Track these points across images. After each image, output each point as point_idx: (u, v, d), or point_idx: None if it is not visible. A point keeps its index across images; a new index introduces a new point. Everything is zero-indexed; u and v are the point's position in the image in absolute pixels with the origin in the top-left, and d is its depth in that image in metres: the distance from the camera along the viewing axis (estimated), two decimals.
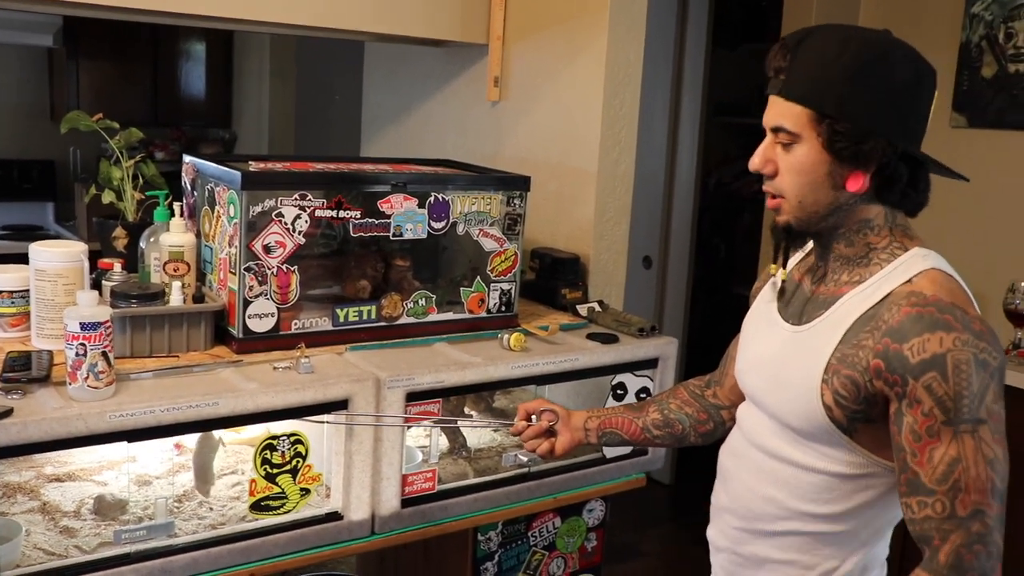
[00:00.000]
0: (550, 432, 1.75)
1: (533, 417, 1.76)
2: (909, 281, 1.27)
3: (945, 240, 3.31)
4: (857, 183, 1.29)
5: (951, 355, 1.17)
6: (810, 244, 1.46)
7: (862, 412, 1.27)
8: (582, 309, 2.49)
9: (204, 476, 1.91)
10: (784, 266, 1.48)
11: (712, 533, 1.55)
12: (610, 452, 2.33)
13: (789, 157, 1.31)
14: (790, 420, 1.35)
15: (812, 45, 1.27)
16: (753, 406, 1.47)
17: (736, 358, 1.55)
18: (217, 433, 1.91)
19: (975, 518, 1.15)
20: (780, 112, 1.30)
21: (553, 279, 2.59)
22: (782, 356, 1.39)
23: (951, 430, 1.16)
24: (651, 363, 2.32)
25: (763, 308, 1.50)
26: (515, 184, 2.28)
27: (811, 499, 1.35)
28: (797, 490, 1.36)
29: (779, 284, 1.48)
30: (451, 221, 2.18)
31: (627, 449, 2.35)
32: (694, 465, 4.53)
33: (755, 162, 1.36)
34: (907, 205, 1.36)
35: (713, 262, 5.11)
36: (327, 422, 1.87)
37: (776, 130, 1.32)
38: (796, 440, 1.35)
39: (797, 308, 1.41)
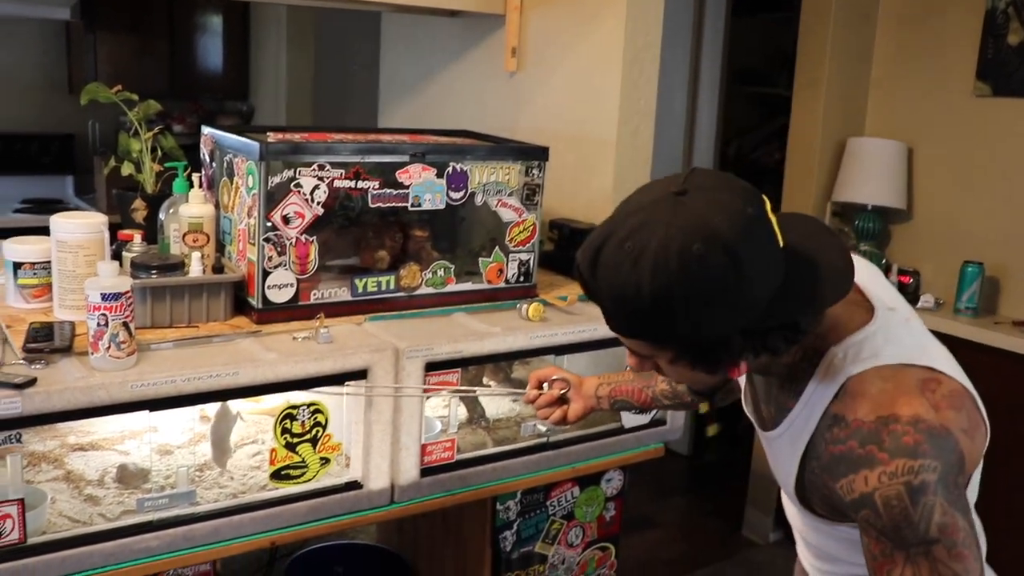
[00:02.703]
0: (562, 400, 1.75)
1: (545, 385, 1.76)
2: (836, 396, 1.16)
3: (970, 208, 3.29)
4: (734, 372, 1.18)
5: (878, 494, 1.08)
6: None
7: (850, 517, 1.19)
8: None
9: (221, 448, 1.92)
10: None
11: (799, 550, 1.50)
12: (628, 422, 2.33)
13: (660, 364, 1.19)
14: (802, 512, 1.31)
15: (605, 272, 1.08)
16: None
17: None
18: (235, 406, 1.92)
19: None
20: (621, 338, 1.18)
21: (572, 249, 2.57)
22: (771, 457, 1.33)
23: (903, 553, 1.09)
24: None
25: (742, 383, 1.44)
26: (533, 154, 2.27)
27: (857, 551, 1.26)
28: (854, 548, 1.28)
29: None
30: (469, 191, 2.17)
31: (645, 419, 2.35)
32: (712, 437, 4.53)
33: (633, 365, 1.23)
34: (786, 346, 1.17)
35: None
36: (345, 393, 1.88)
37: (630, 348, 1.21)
38: (829, 524, 1.30)
39: (767, 397, 1.33)
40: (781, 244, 1.09)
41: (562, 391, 1.75)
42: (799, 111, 3.61)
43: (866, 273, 1.29)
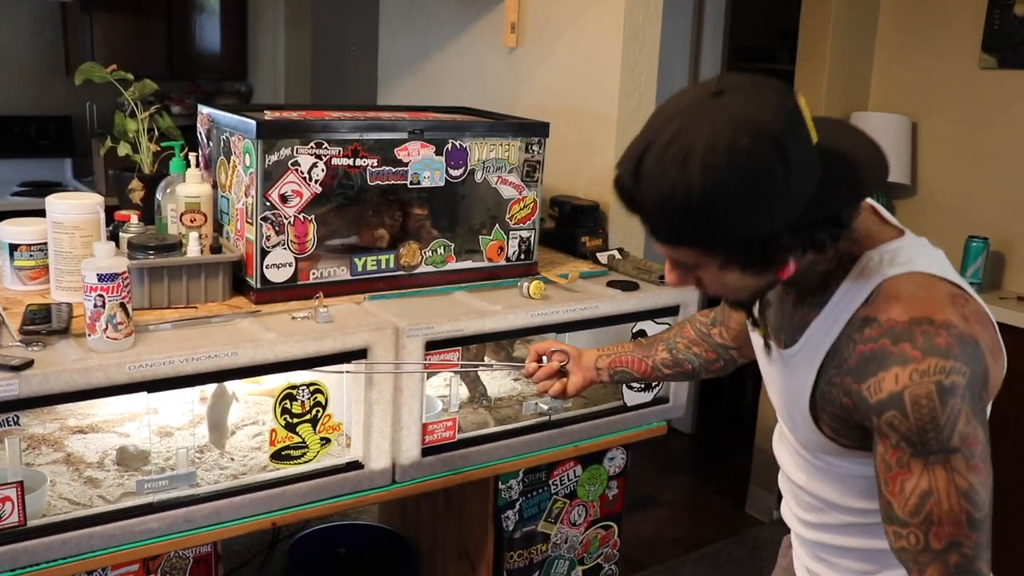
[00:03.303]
0: (562, 372, 1.74)
1: (544, 358, 1.75)
2: (868, 300, 1.16)
3: (975, 182, 3.26)
4: (784, 272, 1.15)
5: (908, 392, 1.07)
6: None
7: (863, 434, 1.19)
8: (602, 257, 2.46)
9: (219, 430, 1.91)
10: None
11: (784, 513, 1.49)
12: (631, 400, 2.32)
13: (702, 274, 1.18)
14: (807, 444, 1.30)
15: (650, 180, 1.06)
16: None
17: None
18: (233, 387, 1.91)
19: (951, 550, 1.08)
20: (664, 248, 1.16)
21: (572, 227, 2.56)
22: (781, 382, 1.32)
23: (921, 461, 1.08)
24: (672, 310, 2.30)
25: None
26: (533, 130, 2.24)
27: (859, 496, 1.28)
28: (843, 490, 1.29)
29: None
30: (469, 168, 2.15)
31: (648, 397, 2.34)
32: (715, 415, 4.53)
33: (671, 281, 1.21)
34: (832, 240, 1.17)
35: None
36: (345, 372, 1.86)
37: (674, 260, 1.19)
38: (823, 455, 1.29)
39: (778, 324, 1.32)
40: (815, 140, 1.10)
41: (561, 364, 1.74)
42: (802, 86, 3.57)
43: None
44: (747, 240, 1.09)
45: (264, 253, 1.93)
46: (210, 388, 1.89)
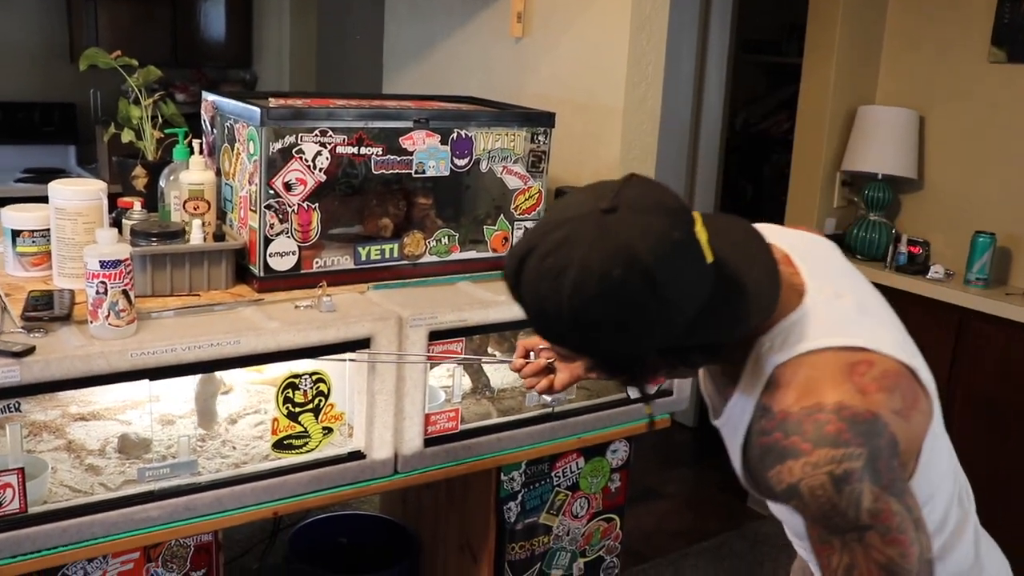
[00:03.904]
0: (549, 369, 1.73)
1: (532, 354, 1.74)
2: (766, 386, 1.15)
3: (982, 177, 3.24)
4: (653, 382, 1.19)
5: (804, 484, 1.07)
6: None
7: None
8: None
9: (206, 415, 1.90)
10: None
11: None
12: (634, 393, 2.30)
13: (582, 364, 1.22)
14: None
15: (528, 284, 1.07)
16: None
17: None
18: (228, 375, 1.89)
19: None
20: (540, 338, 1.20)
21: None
22: (723, 438, 1.31)
23: (838, 539, 1.08)
24: None
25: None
26: (539, 120, 2.23)
27: None
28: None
29: None
30: (474, 158, 2.14)
31: (651, 389, 2.33)
32: None
33: (556, 358, 1.27)
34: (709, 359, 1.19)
35: (740, 204, 5.04)
36: (347, 360, 1.85)
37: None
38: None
39: (712, 390, 1.32)
40: (710, 260, 1.08)
41: (548, 360, 1.73)
42: (809, 78, 3.56)
43: (818, 249, 1.28)
44: (610, 354, 1.11)
45: (268, 241, 1.92)
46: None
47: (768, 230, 1.30)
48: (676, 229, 1.04)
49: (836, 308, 1.18)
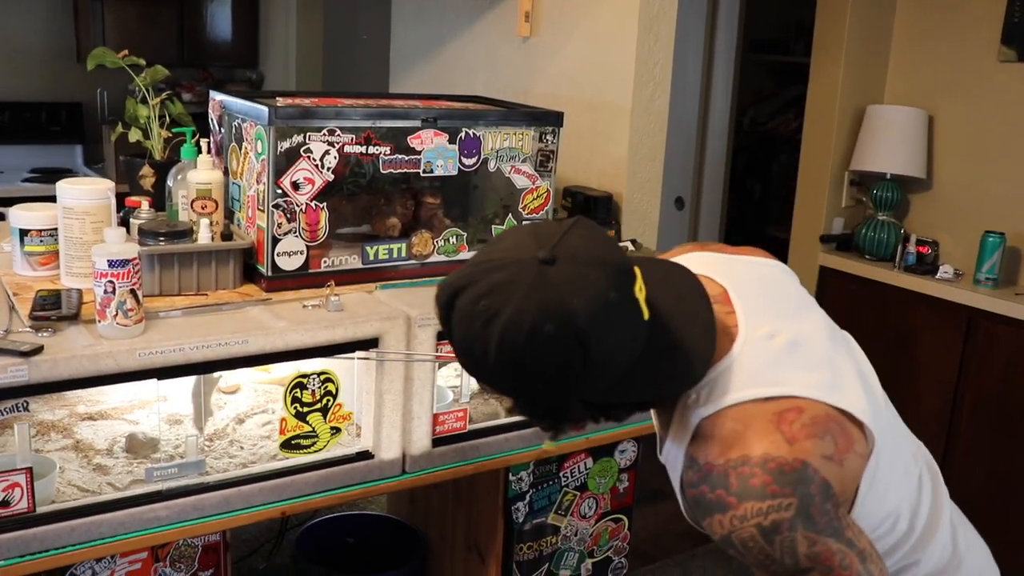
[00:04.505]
0: None
1: None
2: (692, 439, 1.14)
3: (992, 177, 3.23)
4: (577, 429, 1.16)
5: (735, 536, 1.07)
6: None
7: None
8: None
9: (200, 411, 1.90)
10: None
11: None
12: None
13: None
14: None
15: (458, 321, 1.06)
16: None
17: None
18: (244, 375, 1.89)
19: None
20: None
21: (586, 217, 2.53)
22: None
23: None
24: None
25: None
26: (547, 120, 2.22)
27: None
28: None
29: None
30: (482, 157, 2.13)
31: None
32: None
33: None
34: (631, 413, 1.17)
35: (747, 203, 5.03)
36: (356, 358, 1.85)
37: None
38: None
39: (657, 421, 1.31)
40: (647, 318, 1.06)
41: None
42: (817, 78, 3.55)
43: (762, 279, 1.26)
44: (533, 403, 1.11)
45: (275, 241, 1.91)
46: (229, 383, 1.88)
47: (711, 260, 1.28)
48: (613, 289, 1.03)
49: (767, 351, 1.15)
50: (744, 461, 1.07)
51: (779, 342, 1.16)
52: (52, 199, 1.94)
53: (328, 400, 1.84)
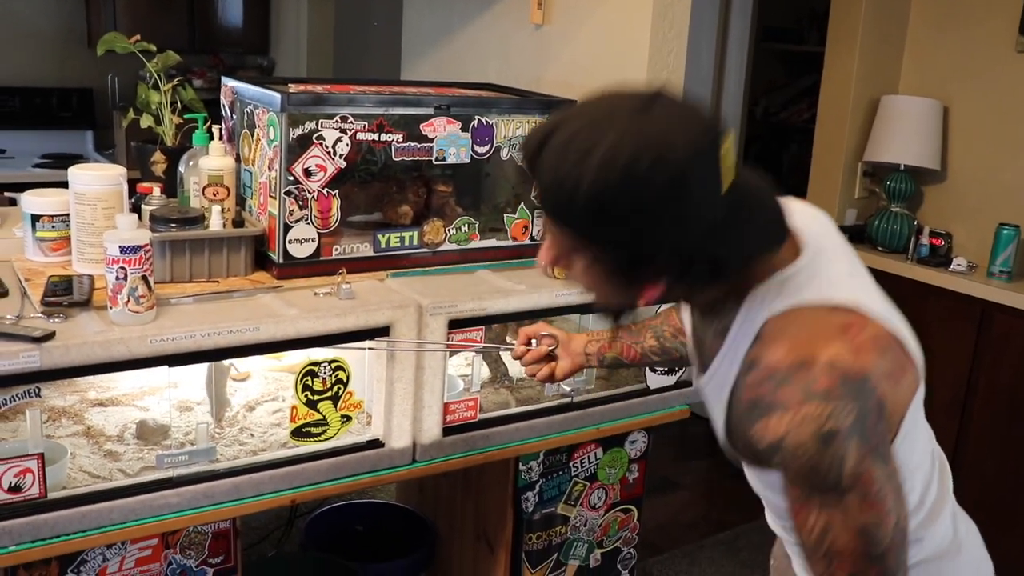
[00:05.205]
0: (551, 357, 1.72)
1: (533, 342, 1.73)
2: (756, 338, 1.13)
3: (1007, 169, 3.20)
4: (651, 294, 1.11)
5: (789, 439, 1.05)
6: None
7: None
8: None
9: (219, 402, 1.90)
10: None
11: (767, 516, 1.50)
12: (654, 383, 2.29)
13: (574, 263, 1.13)
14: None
15: (550, 158, 1.05)
16: None
17: None
18: (253, 363, 1.88)
19: None
20: (550, 226, 1.13)
21: None
22: (704, 400, 1.29)
23: (817, 500, 1.07)
24: None
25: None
26: (560, 108, 2.20)
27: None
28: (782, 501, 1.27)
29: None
30: (495, 145, 2.12)
31: (671, 380, 2.32)
32: None
33: (542, 260, 1.17)
34: (710, 285, 1.14)
35: None
36: (367, 348, 1.84)
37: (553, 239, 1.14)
38: (757, 471, 1.28)
39: (698, 346, 1.30)
40: (727, 184, 1.05)
41: (550, 348, 1.72)
42: (831, 67, 3.52)
43: (808, 214, 1.27)
44: (619, 248, 1.07)
45: (287, 228, 1.91)
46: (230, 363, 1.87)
47: None
48: (709, 135, 1.03)
49: (832, 269, 1.16)
50: (809, 365, 1.06)
51: (842, 266, 1.19)
52: (64, 185, 1.94)
53: (339, 388, 1.84)
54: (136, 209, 2.01)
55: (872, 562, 1.07)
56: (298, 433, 1.83)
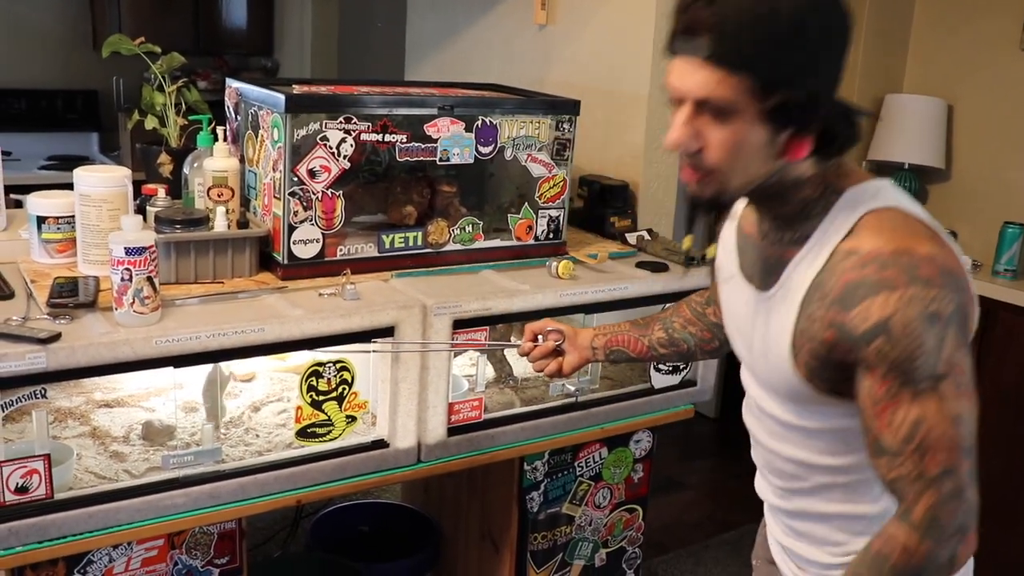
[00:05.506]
0: (557, 352, 1.72)
1: (540, 338, 1.73)
2: (850, 233, 1.15)
3: (1012, 167, 3.20)
4: (802, 150, 1.14)
5: (896, 317, 1.07)
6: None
7: (838, 375, 1.19)
8: (631, 237, 2.43)
9: (214, 412, 1.89)
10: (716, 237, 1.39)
11: (758, 486, 1.50)
12: (658, 383, 2.29)
13: (720, 132, 1.13)
14: (779, 390, 1.29)
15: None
16: (748, 373, 1.41)
17: (723, 320, 1.47)
18: (256, 364, 1.88)
19: (946, 477, 1.08)
20: (706, 81, 1.10)
21: (602, 207, 2.53)
22: (754, 323, 1.31)
23: (910, 390, 1.08)
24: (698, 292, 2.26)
25: (728, 269, 1.40)
26: (564, 108, 2.21)
27: (832, 453, 1.28)
28: (815, 448, 1.29)
29: (715, 258, 1.40)
30: (499, 146, 2.12)
31: (675, 380, 2.32)
32: (740, 399, 4.50)
33: (675, 139, 1.15)
34: (842, 153, 1.20)
35: None
36: (372, 351, 1.85)
37: (703, 102, 1.12)
38: (795, 406, 1.29)
39: (755, 266, 1.31)
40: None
41: (557, 343, 1.72)
42: None
43: None
44: (798, 84, 1.10)
45: (291, 229, 1.91)
46: (227, 365, 1.87)
47: None
48: None
49: (911, 200, 1.22)
50: (911, 254, 1.10)
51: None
52: (69, 186, 1.94)
53: (344, 388, 1.84)
54: (141, 210, 2.02)
55: (964, 456, 1.09)
56: (303, 433, 1.84)
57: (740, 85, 1.09)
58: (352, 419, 1.88)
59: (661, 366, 2.27)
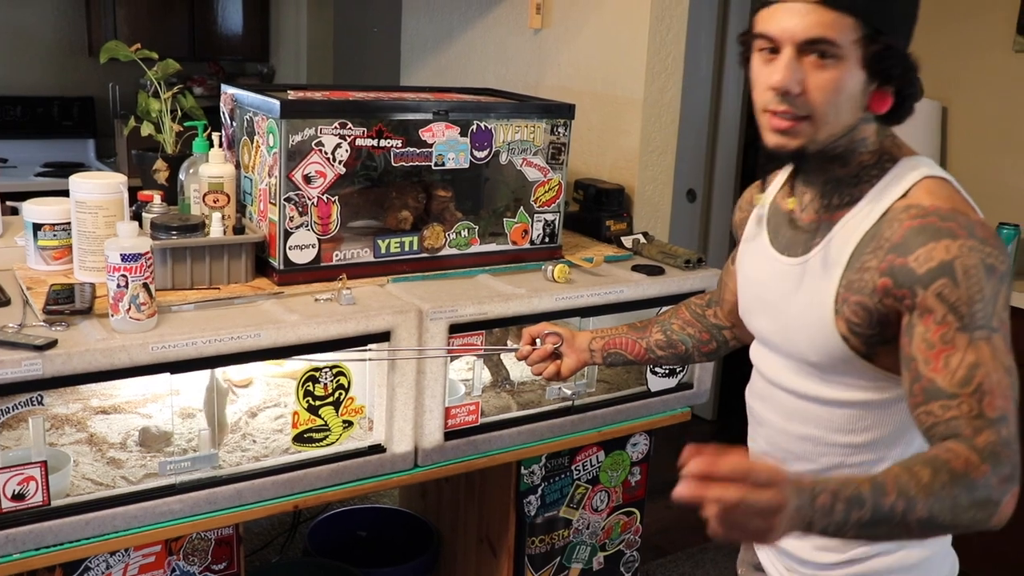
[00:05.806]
0: (556, 355, 1.73)
1: (538, 341, 1.74)
2: (905, 194, 1.21)
3: (1006, 168, 3.21)
4: (885, 103, 1.21)
5: (959, 261, 1.12)
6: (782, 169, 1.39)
7: (878, 335, 1.22)
8: (627, 241, 2.43)
9: (218, 425, 1.88)
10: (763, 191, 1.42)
11: None
12: (655, 386, 2.30)
13: (824, 75, 1.17)
14: (808, 357, 1.30)
15: None
16: (766, 348, 1.41)
17: (738, 296, 1.49)
18: (254, 369, 1.87)
19: (1002, 423, 1.09)
20: (819, 22, 1.15)
21: (597, 210, 2.53)
22: (785, 293, 1.32)
23: (967, 336, 1.11)
24: (697, 296, 2.27)
25: (754, 243, 1.42)
26: (559, 112, 2.22)
27: (847, 430, 1.30)
28: (831, 424, 1.31)
29: (765, 213, 1.41)
30: (494, 150, 2.13)
31: (672, 383, 2.32)
32: (737, 401, 4.50)
33: (782, 79, 1.18)
34: (903, 118, 1.26)
35: None
36: (368, 359, 1.85)
37: (812, 43, 1.16)
38: (818, 376, 1.30)
39: (789, 238, 1.34)
40: None
41: (555, 346, 1.72)
42: None
43: None
44: (901, 33, 1.19)
45: (287, 234, 1.92)
46: (224, 371, 1.87)
47: None
48: None
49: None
50: (968, 215, 1.17)
51: None
52: (65, 193, 1.94)
53: (340, 394, 1.84)
54: (137, 217, 2.02)
55: (1014, 409, 1.11)
56: (300, 439, 1.84)
57: (851, 28, 1.16)
58: (349, 424, 1.88)
59: (658, 369, 2.28)
